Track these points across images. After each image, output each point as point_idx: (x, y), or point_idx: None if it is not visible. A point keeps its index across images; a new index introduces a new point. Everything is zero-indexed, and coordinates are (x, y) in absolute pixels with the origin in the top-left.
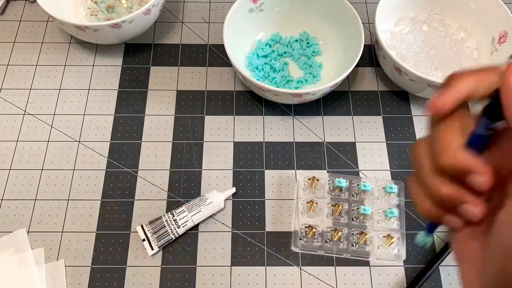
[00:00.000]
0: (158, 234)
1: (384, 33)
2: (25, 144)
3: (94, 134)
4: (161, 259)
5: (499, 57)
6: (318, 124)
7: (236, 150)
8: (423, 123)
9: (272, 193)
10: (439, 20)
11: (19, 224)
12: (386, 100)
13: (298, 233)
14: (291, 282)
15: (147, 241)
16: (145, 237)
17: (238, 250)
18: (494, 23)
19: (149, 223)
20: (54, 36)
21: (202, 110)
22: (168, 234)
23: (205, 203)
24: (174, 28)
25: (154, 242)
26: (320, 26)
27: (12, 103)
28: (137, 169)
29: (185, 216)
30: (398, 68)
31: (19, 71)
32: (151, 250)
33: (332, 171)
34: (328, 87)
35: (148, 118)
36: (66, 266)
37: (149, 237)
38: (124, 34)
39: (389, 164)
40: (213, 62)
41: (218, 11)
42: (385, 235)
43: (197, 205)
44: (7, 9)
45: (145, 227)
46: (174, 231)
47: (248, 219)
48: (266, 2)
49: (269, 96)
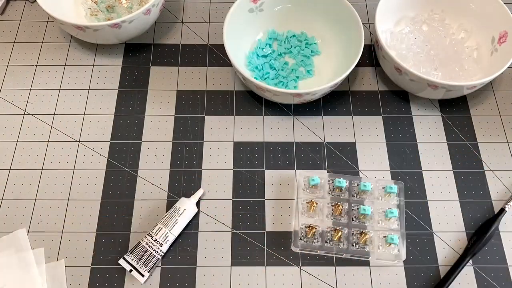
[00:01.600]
0: (144, 260)
1: (384, 33)
2: (25, 144)
3: (94, 134)
4: (161, 259)
5: (499, 57)
6: (318, 124)
7: (236, 150)
8: (423, 123)
9: (272, 193)
10: (439, 20)
11: (19, 224)
12: (386, 100)
13: (298, 233)
14: (291, 282)
15: (135, 271)
16: (131, 267)
17: (238, 250)
18: (494, 23)
19: (130, 252)
20: (54, 36)
21: (202, 110)
22: (154, 256)
23: (178, 213)
24: (174, 28)
25: (142, 269)
26: (320, 26)
27: (12, 103)
28: (137, 169)
29: (164, 233)
30: (398, 68)
31: (19, 71)
32: (142, 277)
33: (332, 171)
34: (328, 87)
35: (148, 118)
36: (66, 266)
37: (135, 266)
38: (124, 34)
39: (389, 164)
40: (213, 62)
41: (218, 11)
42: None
43: (171, 218)
44: (7, 9)
45: (127, 258)
46: (158, 250)
47: (248, 219)
48: (266, 2)
49: (269, 96)
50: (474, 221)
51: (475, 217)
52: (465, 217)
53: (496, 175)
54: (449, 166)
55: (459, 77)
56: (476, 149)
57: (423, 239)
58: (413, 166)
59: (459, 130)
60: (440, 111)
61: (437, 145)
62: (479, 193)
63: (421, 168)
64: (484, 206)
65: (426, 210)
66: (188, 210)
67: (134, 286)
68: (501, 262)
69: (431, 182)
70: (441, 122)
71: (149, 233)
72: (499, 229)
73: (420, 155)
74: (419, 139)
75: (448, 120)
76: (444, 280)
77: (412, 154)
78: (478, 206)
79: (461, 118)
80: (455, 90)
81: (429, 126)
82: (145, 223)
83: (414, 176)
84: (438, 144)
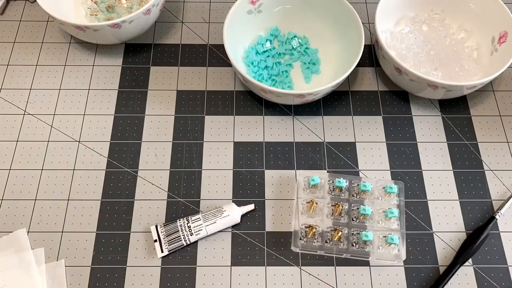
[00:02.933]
0: (170, 238)
1: (384, 33)
2: (25, 144)
3: (94, 134)
4: (161, 259)
5: (499, 57)
6: (318, 124)
7: (236, 150)
8: (423, 123)
9: (272, 193)
10: (439, 20)
11: (19, 224)
12: (386, 100)
13: (298, 233)
14: (291, 282)
15: (158, 243)
16: (157, 237)
17: (238, 250)
18: (494, 23)
19: (163, 224)
20: (54, 36)
21: (202, 110)
22: (180, 240)
23: (221, 215)
24: (174, 28)
25: (165, 245)
26: (320, 27)
27: (12, 103)
28: (137, 169)
29: (199, 225)
30: (398, 68)
31: (19, 71)
32: (161, 252)
33: (332, 171)
34: (330, 87)
35: (148, 118)
36: (66, 266)
37: (161, 239)
38: (124, 34)
39: (389, 164)
40: (213, 62)
41: (218, 11)
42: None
43: (213, 216)
44: (7, 9)
45: (159, 228)
46: (187, 237)
47: (248, 219)
48: (264, 3)
49: (270, 97)
50: (474, 221)
51: (475, 217)
52: (465, 217)
53: (496, 175)
54: (449, 166)
55: (459, 77)
56: (476, 149)
57: (423, 239)
58: (413, 166)
59: (459, 130)
60: (440, 111)
61: (437, 145)
62: (479, 193)
63: (421, 168)
64: (484, 206)
65: (426, 210)
66: (231, 217)
67: (134, 286)
68: (501, 262)
69: (431, 182)
70: (441, 122)
71: (187, 218)
72: (499, 229)
73: (420, 155)
74: (419, 139)
75: (448, 120)
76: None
77: (412, 154)
78: (478, 206)
79: (461, 118)
80: (455, 90)
81: (429, 126)
82: (145, 223)
83: (414, 176)
84: (438, 144)
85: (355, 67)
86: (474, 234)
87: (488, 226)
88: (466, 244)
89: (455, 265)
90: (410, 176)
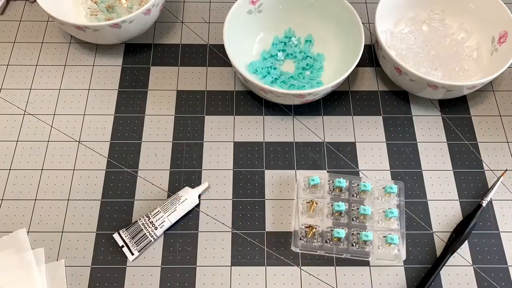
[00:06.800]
0: (136, 239)
1: (384, 33)
2: (25, 144)
3: (94, 134)
4: (161, 259)
5: (499, 57)
6: (318, 124)
7: (236, 150)
8: (423, 123)
9: (272, 193)
10: (439, 20)
11: (19, 224)
12: (386, 100)
13: (298, 233)
14: (291, 282)
15: (126, 247)
16: (123, 243)
17: (238, 250)
18: (494, 23)
19: (125, 229)
20: (54, 36)
21: (202, 110)
22: (147, 237)
23: (179, 201)
24: (174, 28)
25: (133, 247)
26: (320, 27)
27: (12, 103)
28: (137, 169)
29: (161, 217)
30: (398, 68)
31: (19, 71)
32: (131, 255)
33: (332, 171)
34: (330, 87)
35: (148, 118)
36: (66, 266)
37: (127, 243)
38: (124, 34)
39: (389, 164)
40: (213, 62)
41: (218, 11)
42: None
43: (171, 204)
44: (7, 9)
45: (122, 233)
46: (152, 233)
47: (248, 219)
48: (265, 3)
49: (270, 97)
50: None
51: None
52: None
53: (496, 175)
54: (449, 166)
55: (459, 77)
56: (476, 149)
57: (423, 239)
58: (413, 166)
59: (459, 130)
60: (440, 111)
61: (437, 145)
62: (479, 193)
63: (421, 168)
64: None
65: (426, 210)
66: (189, 200)
67: (134, 286)
68: (501, 262)
69: (431, 182)
70: (441, 122)
71: (147, 215)
72: (499, 229)
73: (420, 155)
74: (419, 139)
75: (448, 120)
76: (425, 279)
77: (412, 154)
78: None
79: (461, 118)
80: (455, 90)
81: (429, 126)
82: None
83: (414, 176)
84: (438, 144)
85: (355, 67)
86: (462, 224)
87: (476, 215)
88: (456, 234)
89: (444, 256)
90: (410, 176)
